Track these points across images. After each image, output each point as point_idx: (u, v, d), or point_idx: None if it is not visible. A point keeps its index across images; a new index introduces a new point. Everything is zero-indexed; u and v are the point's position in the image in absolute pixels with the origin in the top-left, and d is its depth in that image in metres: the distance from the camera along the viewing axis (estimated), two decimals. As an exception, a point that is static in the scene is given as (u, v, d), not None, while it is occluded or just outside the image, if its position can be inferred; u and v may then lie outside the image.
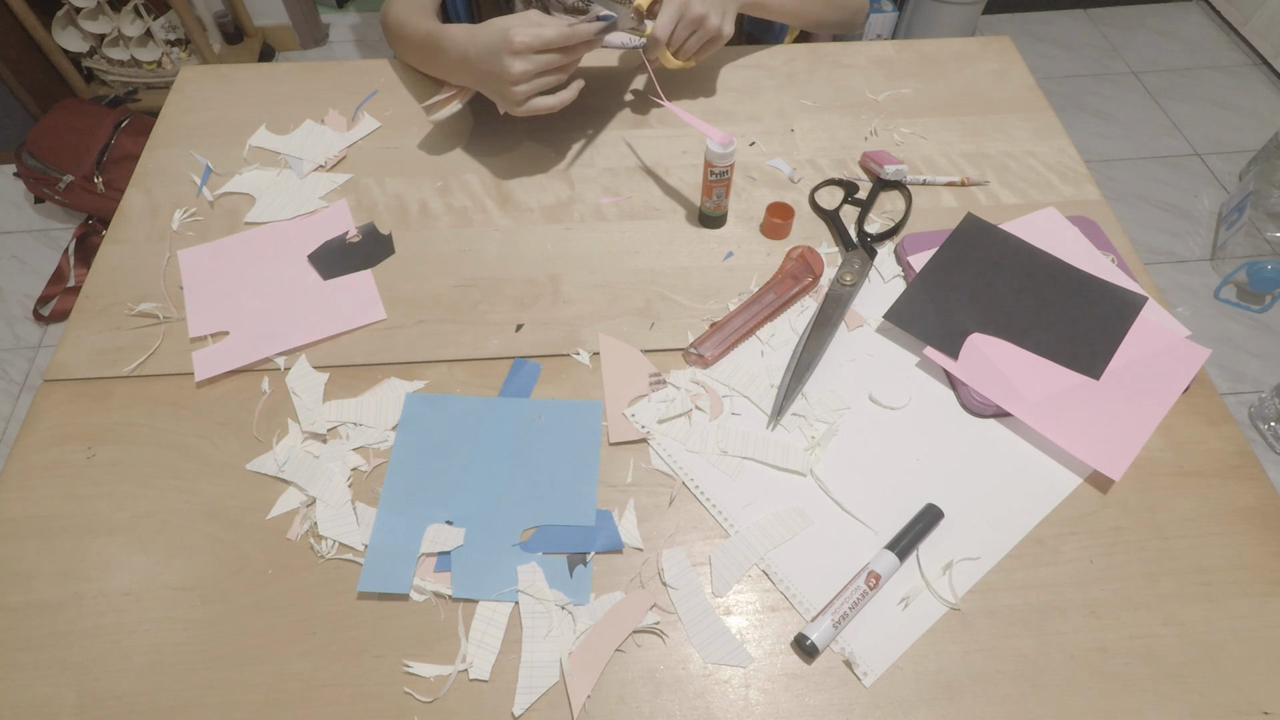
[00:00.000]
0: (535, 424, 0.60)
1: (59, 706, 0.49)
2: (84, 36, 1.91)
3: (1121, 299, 0.66)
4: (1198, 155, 1.97)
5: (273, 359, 0.64)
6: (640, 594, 0.53)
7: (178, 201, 0.76)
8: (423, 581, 0.53)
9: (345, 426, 0.60)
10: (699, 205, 0.74)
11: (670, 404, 0.61)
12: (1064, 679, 0.50)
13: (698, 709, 0.49)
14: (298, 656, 0.50)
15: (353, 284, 0.69)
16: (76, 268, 1.69)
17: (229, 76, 0.88)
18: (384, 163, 0.79)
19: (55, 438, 0.60)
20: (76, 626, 0.52)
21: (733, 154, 0.67)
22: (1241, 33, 2.25)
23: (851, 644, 0.51)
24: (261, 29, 2.18)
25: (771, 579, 0.54)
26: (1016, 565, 0.54)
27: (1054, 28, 2.34)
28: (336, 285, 0.69)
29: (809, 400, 0.62)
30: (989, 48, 0.92)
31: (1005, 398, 0.60)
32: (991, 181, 0.78)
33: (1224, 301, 1.68)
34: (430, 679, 0.49)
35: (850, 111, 0.85)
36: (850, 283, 0.68)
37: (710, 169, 0.68)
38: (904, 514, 0.56)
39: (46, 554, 0.54)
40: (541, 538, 0.55)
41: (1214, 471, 0.58)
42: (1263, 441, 1.47)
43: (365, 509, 0.56)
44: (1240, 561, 0.54)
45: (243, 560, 0.54)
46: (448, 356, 0.65)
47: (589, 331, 0.66)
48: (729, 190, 0.71)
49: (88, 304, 0.68)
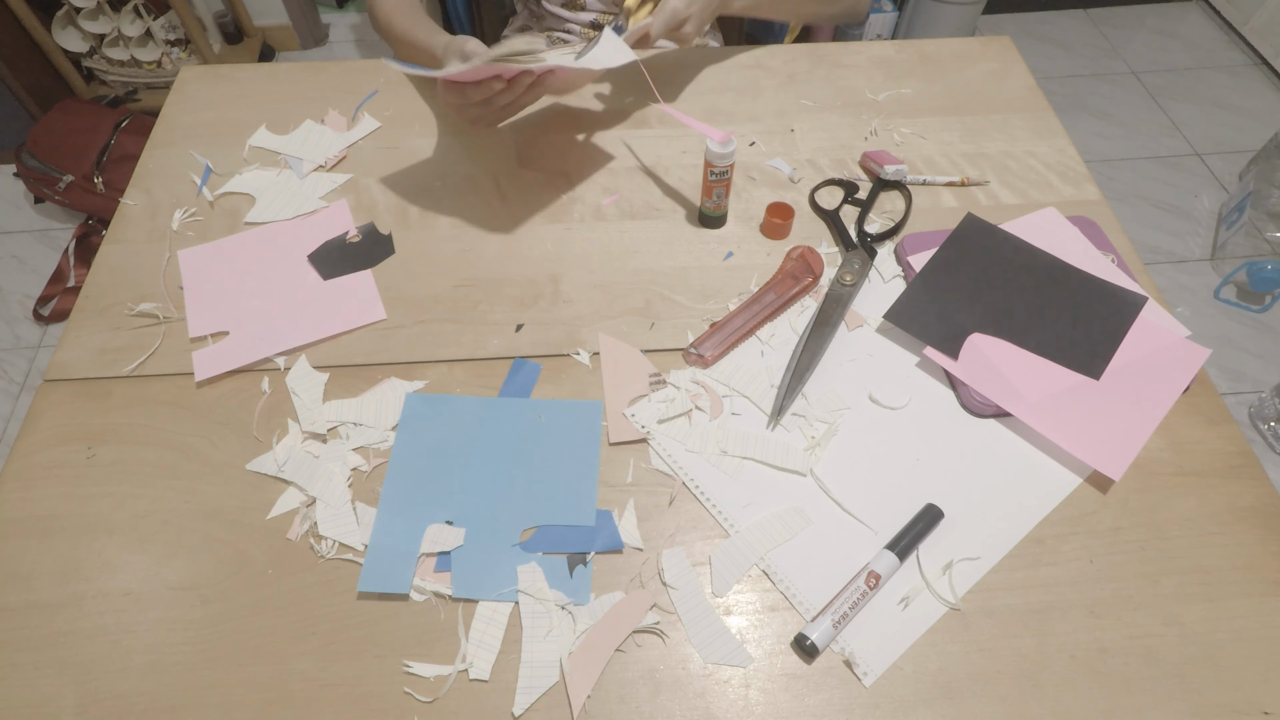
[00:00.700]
0: (535, 424, 0.60)
1: (59, 706, 0.49)
2: (84, 36, 1.91)
3: (1121, 299, 0.66)
4: (1198, 155, 1.97)
5: (273, 359, 0.64)
6: (640, 594, 0.53)
7: (178, 201, 0.76)
8: (423, 581, 0.53)
9: (345, 426, 0.60)
10: (699, 205, 0.74)
11: (670, 404, 0.61)
12: (1064, 679, 0.50)
13: (698, 709, 0.49)
14: (298, 656, 0.50)
15: (353, 284, 0.69)
16: (76, 268, 1.69)
17: (229, 76, 0.88)
18: (384, 163, 0.79)
19: (55, 438, 0.60)
20: (76, 626, 0.52)
21: (732, 153, 0.67)
22: (1241, 33, 2.25)
23: (851, 644, 0.51)
24: (261, 29, 2.18)
25: (771, 579, 0.54)
26: (1016, 565, 0.54)
27: (1054, 28, 2.34)
28: (336, 285, 0.69)
29: (809, 400, 0.62)
30: (989, 48, 0.92)
31: (1005, 398, 0.60)
32: (991, 181, 0.78)
33: (1224, 301, 1.68)
34: (430, 679, 0.49)
35: (850, 111, 0.85)
36: (850, 283, 0.68)
37: (710, 169, 0.68)
38: (904, 514, 0.56)
39: (46, 554, 0.54)
40: (541, 538, 0.55)
41: (1214, 471, 0.58)
42: (1263, 441, 1.47)
43: (365, 509, 0.56)
44: (1240, 561, 0.54)
45: (243, 560, 0.54)
46: (448, 356, 0.65)
47: (589, 331, 0.66)
48: (729, 190, 0.71)
49: (88, 304, 0.68)
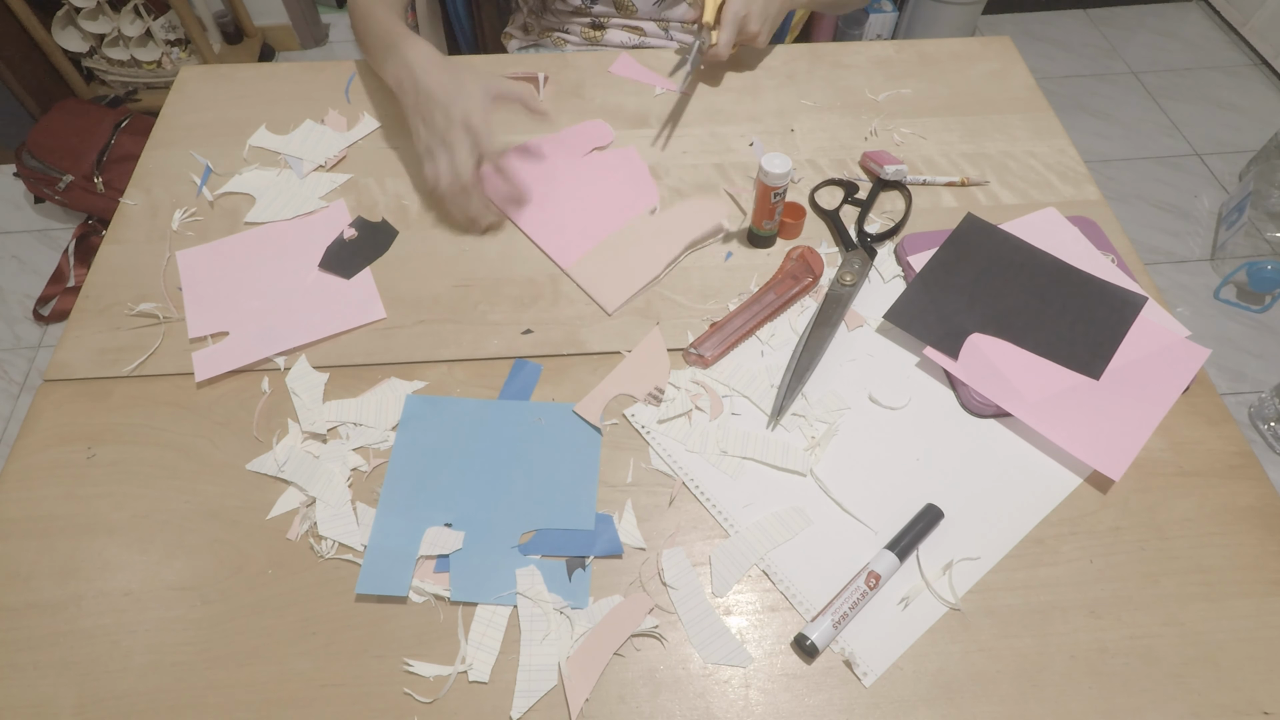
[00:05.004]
0: (535, 427, 0.60)
1: (59, 706, 0.49)
2: (84, 36, 1.91)
3: (1121, 299, 0.66)
4: (1198, 155, 1.97)
5: (273, 359, 0.64)
6: (639, 597, 0.53)
7: (178, 201, 0.76)
8: (422, 583, 0.53)
9: (345, 426, 0.60)
10: (749, 226, 0.72)
11: (670, 404, 0.61)
12: (1064, 679, 0.50)
13: (698, 709, 0.49)
14: (298, 656, 0.50)
15: (352, 283, 0.69)
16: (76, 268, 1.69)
17: (229, 76, 0.88)
18: (384, 163, 0.79)
19: (55, 438, 0.60)
20: (76, 626, 0.52)
21: (790, 172, 0.65)
22: (1241, 33, 2.25)
23: (851, 644, 0.51)
24: (261, 29, 2.18)
25: (771, 579, 0.54)
26: (1016, 565, 0.54)
27: (1054, 28, 2.34)
28: (336, 285, 0.69)
29: (809, 400, 0.62)
30: (989, 48, 0.92)
31: (1005, 398, 0.60)
32: (991, 181, 0.78)
33: (1224, 301, 1.68)
34: (430, 679, 0.50)
35: (850, 111, 0.85)
36: (850, 283, 0.68)
37: (772, 191, 0.66)
38: (904, 514, 0.56)
39: (46, 554, 0.54)
40: (540, 541, 0.55)
41: (1214, 471, 0.58)
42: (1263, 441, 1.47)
43: (365, 509, 0.56)
44: (1240, 561, 0.54)
45: (243, 560, 0.54)
46: (448, 356, 0.65)
47: (589, 331, 0.66)
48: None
49: (88, 304, 0.68)
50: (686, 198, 0.76)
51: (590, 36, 0.98)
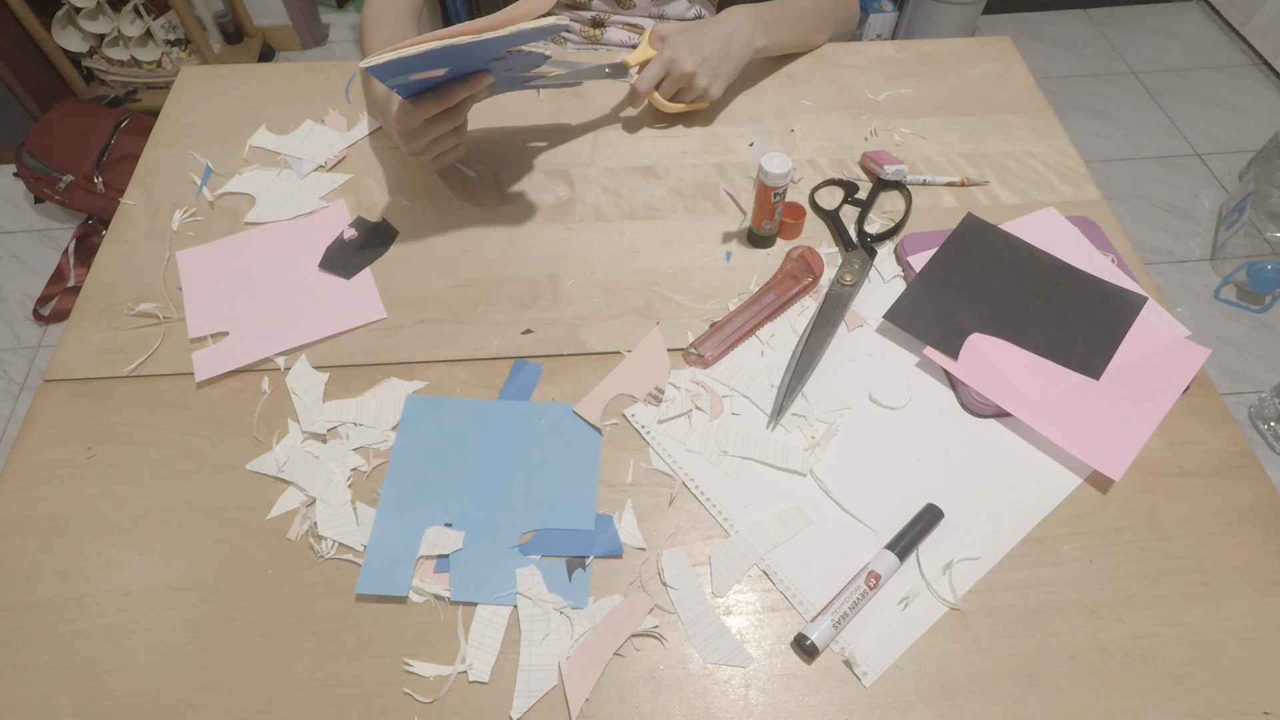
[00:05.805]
0: (535, 427, 0.60)
1: (59, 706, 0.49)
2: (84, 36, 1.91)
3: (1121, 299, 0.66)
4: (1198, 155, 1.97)
5: (273, 359, 0.64)
6: (638, 597, 0.53)
7: (178, 201, 0.76)
8: (422, 583, 0.53)
9: (345, 426, 0.60)
10: (749, 226, 0.72)
11: (670, 404, 0.61)
12: (1064, 679, 0.50)
13: (698, 709, 0.49)
14: (298, 656, 0.50)
15: (352, 283, 0.69)
16: (76, 268, 1.69)
17: (229, 76, 0.88)
18: (384, 163, 0.79)
19: (55, 438, 0.60)
20: (76, 626, 0.52)
21: (790, 172, 0.65)
22: (1241, 33, 2.25)
23: (851, 644, 0.51)
24: (261, 29, 2.18)
25: (771, 579, 0.54)
26: (1016, 565, 0.54)
27: (1054, 28, 2.34)
28: (336, 284, 0.69)
29: (809, 400, 0.62)
30: (989, 48, 0.92)
31: (1005, 398, 0.60)
32: (991, 181, 0.78)
33: (1224, 301, 1.68)
34: (430, 679, 0.49)
35: (850, 111, 0.85)
36: (850, 283, 0.68)
37: (772, 192, 0.66)
38: (904, 514, 0.56)
39: (46, 554, 0.54)
40: (540, 541, 0.55)
41: (1214, 471, 0.58)
42: (1263, 441, 1.47)
43: (365, 509, 0.56)
44: (1240, 561, 0.54)
45: (243, 560, 0.54)
46: (448, 356, 0.65)
47: (589, 331, 0.66)
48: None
49: (88, 304, 0.68)
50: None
51: (590, 35, 0.98)
